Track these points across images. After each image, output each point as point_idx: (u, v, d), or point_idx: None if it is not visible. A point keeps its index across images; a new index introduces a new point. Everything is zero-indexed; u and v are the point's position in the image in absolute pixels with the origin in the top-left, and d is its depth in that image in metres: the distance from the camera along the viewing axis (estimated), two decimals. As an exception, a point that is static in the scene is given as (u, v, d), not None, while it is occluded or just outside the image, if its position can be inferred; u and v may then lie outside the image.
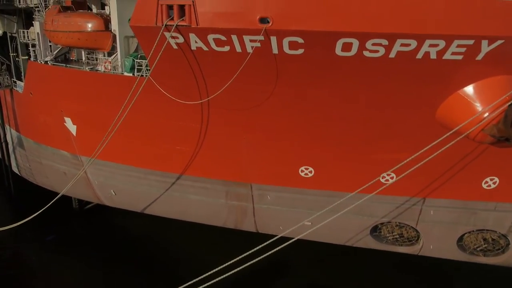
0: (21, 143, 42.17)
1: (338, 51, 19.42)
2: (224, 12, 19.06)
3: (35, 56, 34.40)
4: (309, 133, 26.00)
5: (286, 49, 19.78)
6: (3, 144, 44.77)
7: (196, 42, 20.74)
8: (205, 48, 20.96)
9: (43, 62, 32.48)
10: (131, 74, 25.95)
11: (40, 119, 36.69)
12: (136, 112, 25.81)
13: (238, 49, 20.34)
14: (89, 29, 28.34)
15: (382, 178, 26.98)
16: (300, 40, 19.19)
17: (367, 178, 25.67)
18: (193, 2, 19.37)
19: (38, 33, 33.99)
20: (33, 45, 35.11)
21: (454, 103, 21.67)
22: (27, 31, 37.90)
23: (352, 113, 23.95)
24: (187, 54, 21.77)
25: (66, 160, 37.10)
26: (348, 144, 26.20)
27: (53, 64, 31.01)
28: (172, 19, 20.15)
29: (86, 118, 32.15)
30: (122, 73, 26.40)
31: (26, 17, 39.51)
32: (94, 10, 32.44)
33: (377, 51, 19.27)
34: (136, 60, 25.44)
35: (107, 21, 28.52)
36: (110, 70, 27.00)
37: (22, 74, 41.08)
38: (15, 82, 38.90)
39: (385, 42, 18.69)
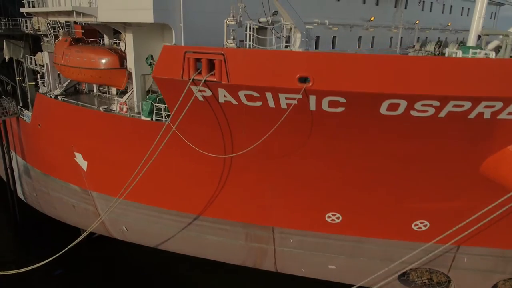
0: (27, 171, 40.49)
1: (383, 110, 17.76)
2: (260, 69, 17.33)
3: (43, 83, 32.66)
4: (338, 181, 24.39)
5: (325, 107, 18.10)
6: (9, 170, 43.13)
7: (225, 96, 19.06)
8: (234, 102, 19.28)
9: (52, 97, 30.74)
10: (149, 119, 24.21)
11: (49, 151, 35.02)
12: (153, 152, 24.19)
13: (272, 104, 18.66)
14: (103, 67, 26.63)
15: (414, 226, 25.46)
16: (342, 100, 17.51)
17: (399, 225, 24.17)
18: (224, 57, 17.65)
19: (47, 64, 32.23)
20: (42, 76, 33.39)
21: (504, 158, 20.08)
22: (34, 58, 36.18)
23: (388, 165, 22.33)
24: (213, 106, 20.09)
25: (76, 194, 35.49)
26: (381, 193, 24.62)
27: (64, 100, 29.26)
28: (200, 73, 18.42)
29: (98, 156, 30.46)
30: (140, 117, 24.64)
31: (33, 41, 37.83)
32: (107, 40, 30.70)
33: (426, 111, 17.61)
34: (155, 104, 23.70)
35: (122, 57, 26.81)
36: (127, 112, 25.24)
37: (29, 100, 39.43)
38: (21, 110, 37.15)
39: (436, 103, 17.02)
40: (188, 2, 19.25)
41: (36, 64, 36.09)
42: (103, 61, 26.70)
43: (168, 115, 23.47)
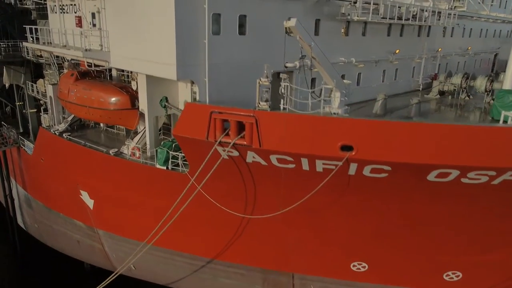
0: (29, 202, 38.54)
1: (431, 177, 16.15)
2: (297, 135, 15.62)
3: (46, 114, 30.78)
4: (368, 234, 22.79)
5: (366, 172, 16.46)
6: (9, 198, 41.11)
7: (253, 157, 17.34)
8: (263, 163, 17.56)
9: (56, 133, 28.84)
10: (164, 167, 22.41)
11: (52, 186, 33.11)
12: (168, 198, 22.55)
13: (306, 167, 17.00)
14: (112, 108, 24.79)
15: (445, 276, 23.95)
16: (387, 168, 15.83)
17: (429, 275, 22.65)
18: (256, 120, 15.92)
19: (50, 97, 30.32)
20: (45, 109, 31.53)
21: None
22: (36, 85, 34.22)
23: (424, 221, 20.78)
24: (239, 165, 18.36)
25: (80, 230, 33.63)
26: (411, 247, 23.08)
27: (69, 139, 27.39)
28: (228, 134, 16.69)
29: (106, 196, 28.63)
30: (154, 164, 22.84)
31: (35, 67, 35.88)
32: (114, 72, 28.83)
33: (478, 179, 15.98)
34: (170, 153, 21.91)
35: (133, 97, 24.98)
36: (139, 157, 23.43)
37: (30, 127, 37.47)
38: (22, 140, 35.17)
39: (492, 173, 15.39)
40: (214, 55, 17.50)
41: (37, 92, 34.12)
42: (113, 101, 24.82)
43: (185, 163, 21.77)
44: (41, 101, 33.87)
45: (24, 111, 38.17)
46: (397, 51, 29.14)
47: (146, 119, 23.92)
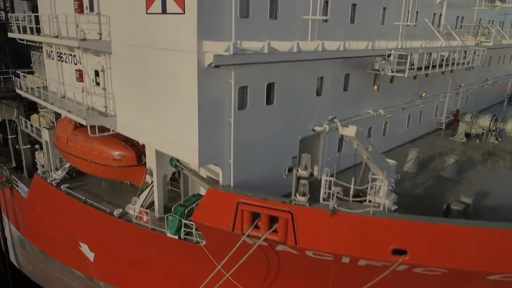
0: (23, 244, 35.87)
1: (491, 277, 13.98)
2: (341, 236, 13.42)
3: (42, 165, 28.32)
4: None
5: (417, 270, 14.25)
6: (1, 238, 38.44)
7: (285, 248, 15.06)
8: (295, 252, 15.31)
9: (54, 184, 26.33)
10: (176, 237, 20.06)
11: (49, 233, 30.53)
12: (179, 265, 20.83)
13: (346, 261, 14.72)
14: (116, 165, 22.38)
15: None
16: (443, 270, 13.67)
17: None
18: (292, 216, 13.70)
19: (46, 142, 27.78)
20: (40, 145, 29.03)
21: None
22: (30, 122, 31.58)
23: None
24: (267, 252, 16.10)
25: (79, 279, 31.06)
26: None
27: (68, 192, 24.91)
28: (257, 226, 14.45)
29: (108, 252, 26.19)
30: (165, 232, 20.47)
31: (28, 101, 33.17)
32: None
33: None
34: (183, 221, 19.55)
35: (139, 151, 22.55)
36: (147, 222, 21.04)
37: (24, 164, 34.78)
38: (16, 181, 32.52)
39: None
40: (239, 132, 15.21)
41: (32, 129, 31.50)
42: (117, 156, 22.39)
43: (199, 234, 19.44)
44: (35, 141, 31.30)
45: (17, 146, 35.48)
46: (424, 94, 27.17)
47: (154, 179, 21.54)
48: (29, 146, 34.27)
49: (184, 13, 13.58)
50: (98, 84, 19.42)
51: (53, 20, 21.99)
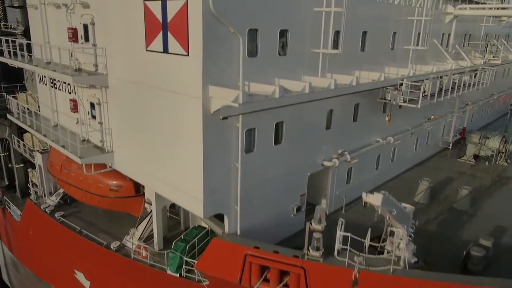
0: (16, 266, 34.61)
1: None
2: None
3: (35, 191, 27.10)
4: None
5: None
6: (-7, 257, 37.17)
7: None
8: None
9: (48, 212, 25.15)
10: (177, 275, 18.98)
11: (42, 259, 29.33)
12: None
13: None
14: (113, 196, 21.24)
15: None
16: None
17: None
18: (305, 271, 12.72)
19: (40, 166, 26.58)
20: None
21: None
22: (22, 143, 30.29)
23: None
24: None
25: (76, 305, 29.88)
26: None
27: (62, 221, 23.73)
28: (266, 279, 13.44)
29: (105, 281, 25.06)
30: (165, 269, 19.39)
31: (21, 119, 31.86)
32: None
33: None
34: (184, 258, 18.48)
35: (138, 182, 21.40)
36: (146, 257, 19.94)
37: (17, 183, 33.49)
38: (8, 202, 31.28)
39: None
40: (246, 177, 14.07)
41: (24, 148, 30.23)
42: (114, 187, 21.24)
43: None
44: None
45: (9, 165, 34.19)
46: (432, 117, 26.25)
47: (153, 212, 20.43)
48: (22, 165, 32.95)
49: (188, 55, 12.52)
50: (94, 117, 18.28)
51: (46, 46, 20.88)
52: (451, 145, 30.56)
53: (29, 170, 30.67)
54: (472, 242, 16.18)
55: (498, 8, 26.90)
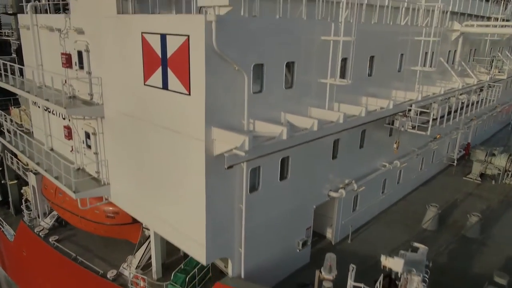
0: (9, 285, 33.70)
1: None
2: None
3: (29, 212, 26.14)
4: None
5: None
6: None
7: None
8: None
9: (41, 236, 24.24)
10: (179, 304, 18.15)
11: (36, 280, 28.43)
12: None
13: None
14: (109, 223, 20.40)
15: None
16: None
17: None
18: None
19: (33, 187, 25.66)
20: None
21: None
22: (16, 160, 29.33)
23: None
24: None
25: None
26: None
27: (56, 246, 22.83)
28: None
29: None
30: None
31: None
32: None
33: None
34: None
35: (135, 208, 20.53)
36: (144, 288, 19.10)
37: (10, 200, 32.55)
38: (1, 221, 30.32)
39: None
40: (250, 217, 13.27)
41: (18, 166, 29.29)
42: (111, 214, 20.38)
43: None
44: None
45: (3, 181, 33.24)
46: (438, 136, 25.54)
47: (152, 241, 19.57)
48: (15, 181, 32.00)
49: (189, 94, 11.71)
50: (89, 147, 17.42)
51: (39, 69, 20.01)
52: (455, 161, 29.89)
53: (22, 189, 29.76)
54: (487, 281, 15.47)
55: (506, 26, 26.20)
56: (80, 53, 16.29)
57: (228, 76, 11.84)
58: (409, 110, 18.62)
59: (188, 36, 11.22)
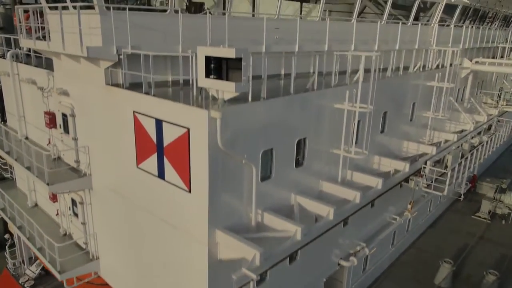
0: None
1: None
2: None
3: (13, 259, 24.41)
4: None
5: None
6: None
7: None
8: None
9: (26, 287, 22.52)
10: None
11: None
12: None
13: None
14: (99, 283, 18.77)
15: None
16: None
17: None
18: None
19: (18, 235, 23.87)
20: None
21: None
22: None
23: None
24: None
25: None
26: None
27: (44, 303, 21.16)
28: None
29: None
30: None
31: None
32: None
33: None
34: None
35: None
36: None
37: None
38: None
39: None
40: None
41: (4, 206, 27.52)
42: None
43: None
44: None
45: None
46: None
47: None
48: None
49: (189, 192, 10.21)
50: (76, 215, 15.81)
51: (21, 120, 18.33)
52: (462, 197, 28.68)
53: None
54: None
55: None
56: (65, 116, 14.65)
57: (234, 169, 10.35)
58: (424, 168, 17.32)
59: (189, 129, 9.71)
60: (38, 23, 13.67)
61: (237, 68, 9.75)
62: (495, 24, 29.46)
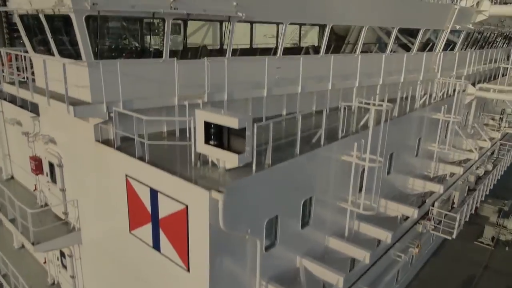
0: None
1: None
2: None
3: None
4: None
5: None
6: None
7: None
8: None
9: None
10: None
11: None
12: None
13: None
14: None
15: None
16: None
17: None
18: None
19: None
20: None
21: None
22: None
23: None
24: None
25: None
26: None
27: None
28: None
29: None
30: None
31: None
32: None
33: None
34: None
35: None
36: None
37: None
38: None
39: None
40: None
41: None
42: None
43: None
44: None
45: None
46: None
47: None
48: None
49: (188, 271, 9.33)
50: (64, 267, 14.84)
51: (6, 159, 17.29)
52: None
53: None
54: None
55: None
56: (51, 165, 13.65)
57: (236, 243, 9.48)
58: (431, 211, 16.60)
59: (187, 206, 8.81)
60: (23, 66, 12.62)
61: (239, 135, 8.91)
62: (497, 42, 28.89)
